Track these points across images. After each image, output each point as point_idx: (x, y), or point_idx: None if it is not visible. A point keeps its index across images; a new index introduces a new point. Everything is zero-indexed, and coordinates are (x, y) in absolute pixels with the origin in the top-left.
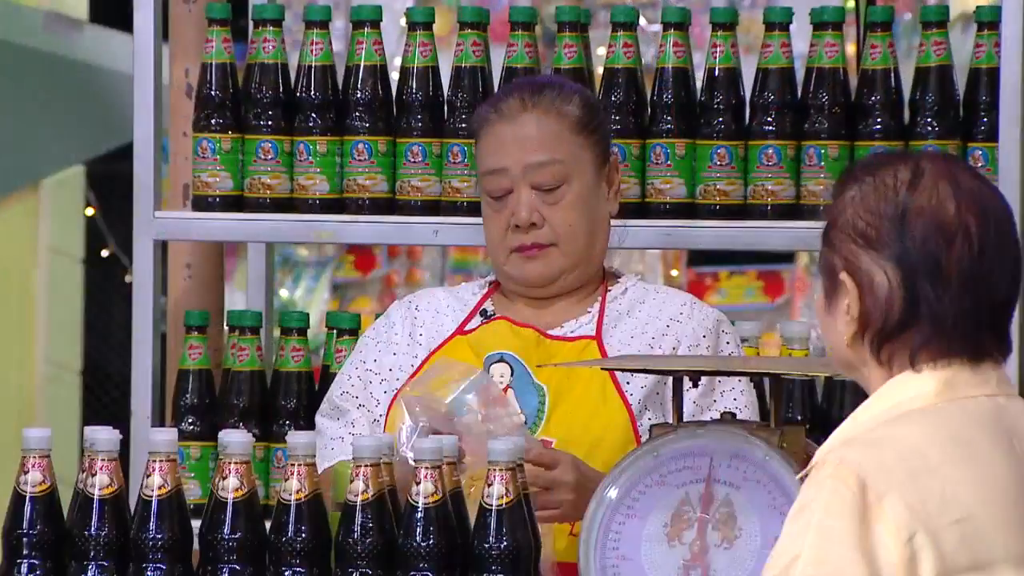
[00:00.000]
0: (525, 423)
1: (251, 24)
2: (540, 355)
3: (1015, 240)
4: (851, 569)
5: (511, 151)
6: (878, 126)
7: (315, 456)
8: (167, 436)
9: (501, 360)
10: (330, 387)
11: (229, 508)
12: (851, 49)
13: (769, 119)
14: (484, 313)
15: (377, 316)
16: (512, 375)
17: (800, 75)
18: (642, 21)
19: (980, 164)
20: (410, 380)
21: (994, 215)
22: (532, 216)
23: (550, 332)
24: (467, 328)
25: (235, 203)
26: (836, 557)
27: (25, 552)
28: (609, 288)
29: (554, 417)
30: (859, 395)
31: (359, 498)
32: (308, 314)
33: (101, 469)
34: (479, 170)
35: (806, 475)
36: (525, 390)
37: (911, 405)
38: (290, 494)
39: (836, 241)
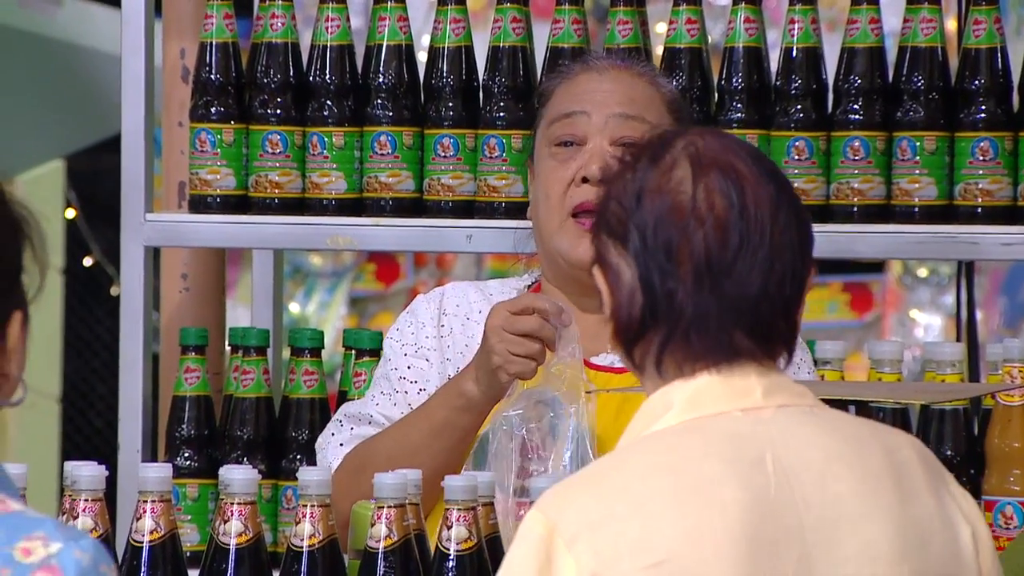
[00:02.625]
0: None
1: None
2: (582, 389)
3: (782, 230)
4: None
5: (595, 98)
6: (982, 115)
7: (329, 496)
8: (160, 473)
9: (539, 401)
10: (345, 406)
11: (232, 556)
12: (951, 25)
13: (855, 107)
14: None
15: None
16: (551, 416)
17: (892, 56)
18: None
19: None
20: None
21: (749, 199)
22: (606, 170)
23: (594, 361)
24: None
25: (238, 204)
26: None
27: None
28: None
29: None
30: (959, 424)
31: (382, 544)
32: (322, 332)
33: (84, 511)
34: (546, 119)
35: None
36: (566, 434)
37: (655, 427)
38: (302, 540)
39: (595, 233)
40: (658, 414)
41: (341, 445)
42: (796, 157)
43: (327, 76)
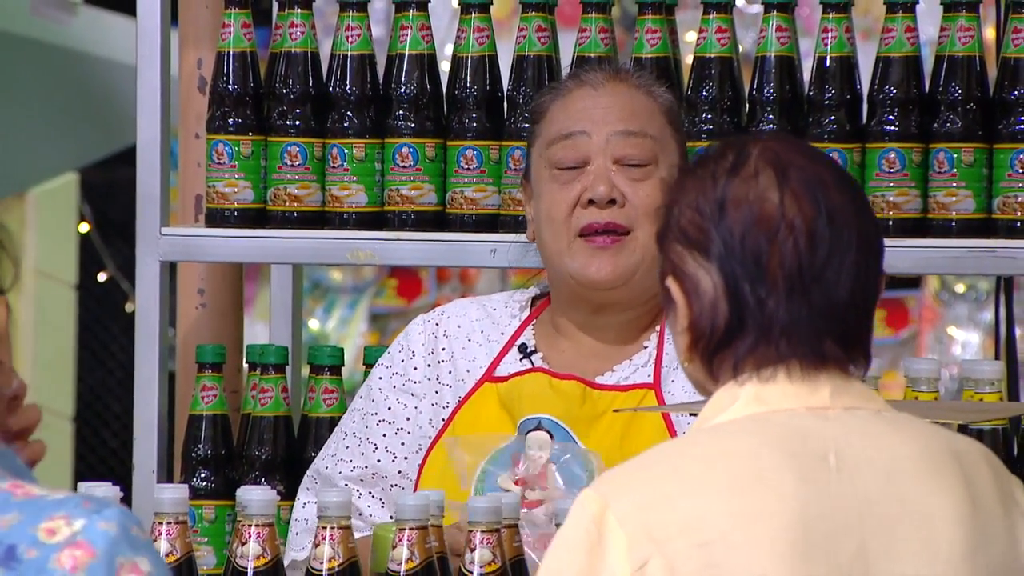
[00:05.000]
0: None
1: (275, 6)
2: (585, 413)
3: (864, 235)
4: None
5: (595, 117)
6: (1021, 125)
7: (350, 517)
8: (175, 494)
9: (539, 427)
10: (323, 450)
11: None
12: (990, 34)
13: (891, 118)
14: (523, 348)
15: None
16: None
17: (928, 65)
18: (739, 2)
19: None
20: (437, 440)
21: (833, 205)
22: (612, 192)
23: (598, 380)
24: (498, 372)
25: (256, 218)
26: None
27: None
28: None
29: None
30: (998, 445)
31: (403, 567)
32: (342, 349)
33: None
34: (542, 140)
35: None
36: (570, 462)
37: (717, 420)
38: (321, 563)
39: (664, 243)
40: (722, 407)
41: (306, 521)
42: None
43: (347, 86)
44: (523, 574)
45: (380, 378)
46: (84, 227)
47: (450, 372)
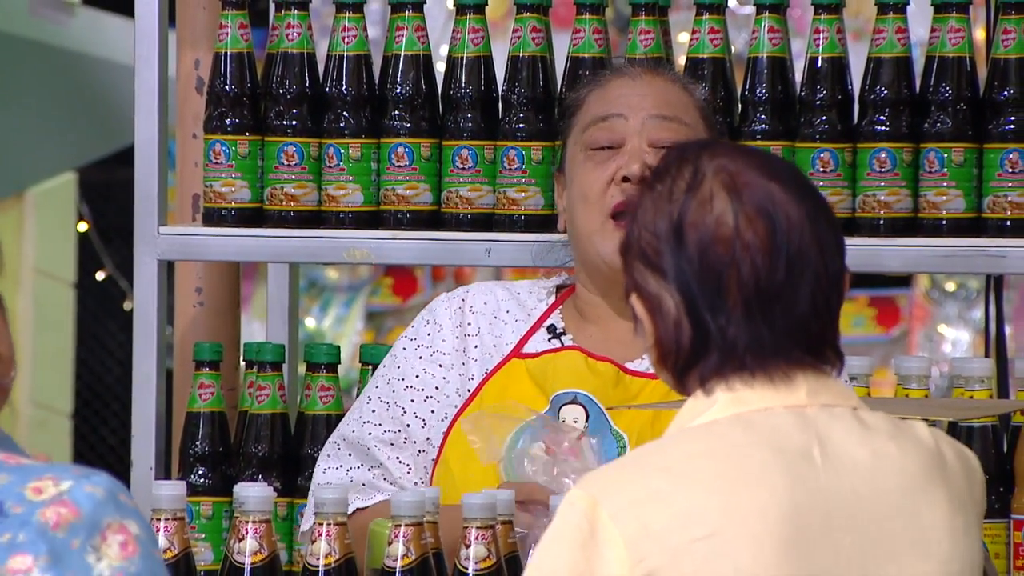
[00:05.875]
0: None
1: (272, 7)
2: (618, 396)
3: (822, 244)
4: None
5: (632, 102)
6: (1011, 125)
7: (346, 513)
8: (173, 491)
9: (574, 402)
10: (347, 417)
11: (246, 575)
12: (980, 35)
13: (882, 118)
14: (552, 330)
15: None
16: (587, 420)
17: (919, 66)
18: (732, 3)
19: None
20: (462, 412)
21: (787, 221)
22: (646, 170)
23: (629, 366)
24: (527, 349)
25: (253, 217)
26: None
27: None
28: None
29: None
30: (988, 442)
31: (399, 563)
32: (338, 347)
33: None
34: (578, 127)
35: None
36: (602, 439)
37: (697, 421)
38: (318, 559)
39: (626, 259)
40: (700, 409)
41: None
42: (821, 169)
43: (343, 87)
44: (517, 570)
45: (404, 349)
46: (82, 226)
47: (476, 347)
